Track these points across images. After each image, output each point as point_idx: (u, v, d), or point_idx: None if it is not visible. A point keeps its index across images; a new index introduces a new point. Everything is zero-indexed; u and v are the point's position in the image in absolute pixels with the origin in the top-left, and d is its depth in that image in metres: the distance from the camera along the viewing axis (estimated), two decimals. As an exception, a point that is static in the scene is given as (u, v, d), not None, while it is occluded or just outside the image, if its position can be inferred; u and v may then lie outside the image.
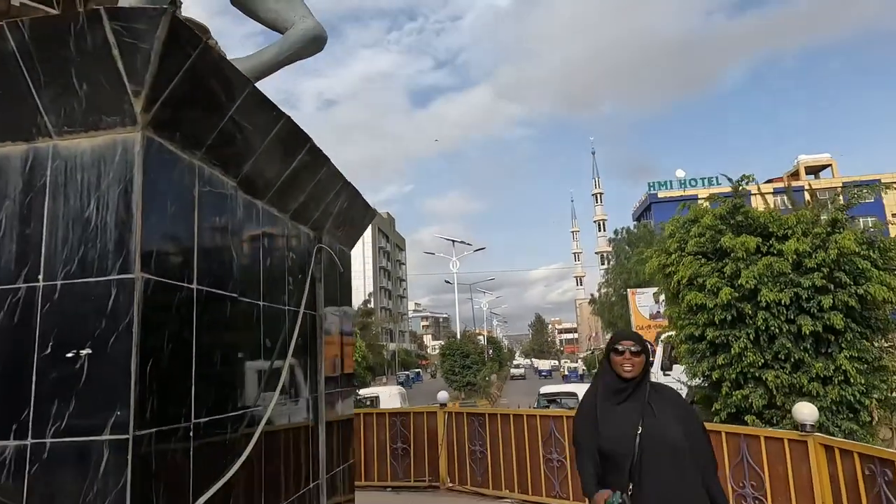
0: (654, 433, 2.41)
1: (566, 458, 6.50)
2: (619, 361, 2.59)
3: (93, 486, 1.85)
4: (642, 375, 2.58)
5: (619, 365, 2.58)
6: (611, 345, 2.66)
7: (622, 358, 2.58)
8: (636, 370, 2.56)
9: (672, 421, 2.47)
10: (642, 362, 2.59)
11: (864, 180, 44.31)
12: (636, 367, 2.56)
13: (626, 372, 2.56)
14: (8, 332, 1.99)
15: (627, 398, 2.53)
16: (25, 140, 2.11)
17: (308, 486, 3.41)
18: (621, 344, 2.61)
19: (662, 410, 2.49)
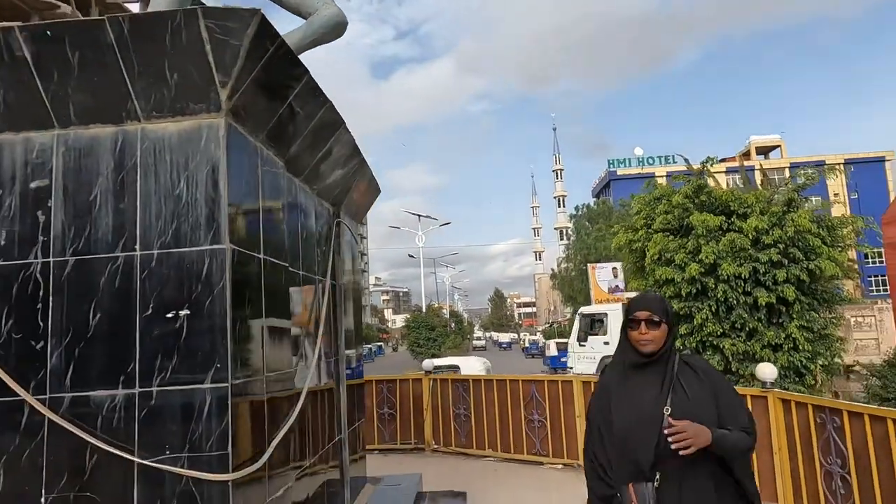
0: (683, 414, 1.93)
1: (546, 418, 7.01)
2: (634, 337, 2.07)
3: (198, 428, 2.15)
4: (667, 348, 2.06)
5: (635, 339, 2.07)
6: (625, 315, 2.16)
7: (638, 332, 2.06)
8: (656, 344, 2.04)
9: (704, 397, 2.00)
10: (664, 334, 2.05)
11: (810, 161, 46.51)
12: (656, 340, 2.04)
13: (643, 346, 2.05)
14: (110, 295, 2.24)
15: (650, 375, 2.05)
16: (114, 123, 2.33)
17: (334, 441, 3.75)
18: (636, 314, 2.08)
19: (692, 386, 2.02)
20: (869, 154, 49.91)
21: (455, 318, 53.89)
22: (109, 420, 2.17)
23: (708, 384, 2.05)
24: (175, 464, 2.12)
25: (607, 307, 19.17)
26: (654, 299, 2.14)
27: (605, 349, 17.20)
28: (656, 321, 2.05)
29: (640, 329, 2.06)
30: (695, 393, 2.01)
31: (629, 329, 2.11)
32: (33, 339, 2.22)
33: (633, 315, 2.10)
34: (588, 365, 17.01)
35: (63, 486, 2.14)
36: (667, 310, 2.10)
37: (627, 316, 2.14)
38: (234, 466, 2.15)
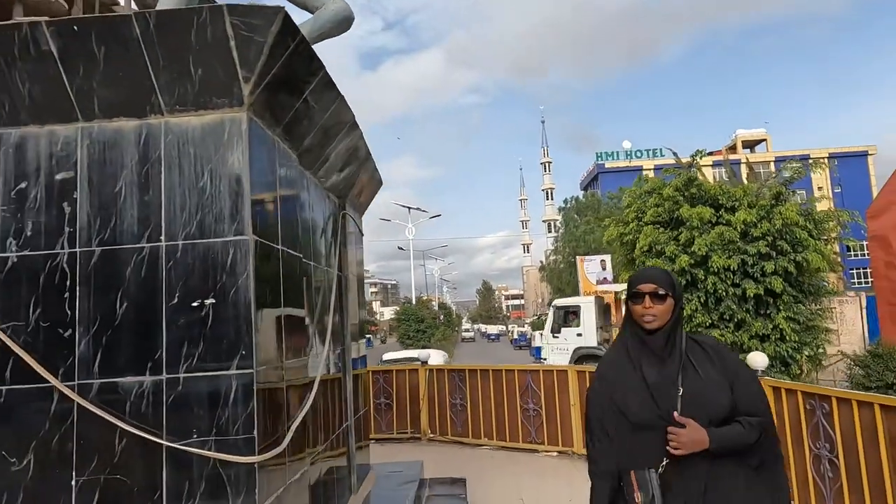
0: (694, 398, 1.81)
1: (541, 407, 7.15)
2: (638, 311, 1.93)
3: (224, 412, 2.23)
4: (672, 324, 1.92)
5: (638, 315, 1.93)
6: (628, 290, 2.03)
7: (641, 306, 1.92)
8: (661, 319, 1.91)
9: (717, 380, 1.86)
10: (670, 308, 1.92)
11: (795, 155, 47.10)
12: (661, 315, 1.90)
13: (647, 323, 1.91)
14: (136, 284, 2.30)
15: (657, 355, 1.90)
16: (138, 116, 2.38)
17: (341, 428, 3.84)
18: (639, 287, 1.94)
19: (704, 367, 1.88)
20: (852, 148, 50.62)
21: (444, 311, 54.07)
22: (137, 405, 2.23)
23: (720, 365, 1.89)
24: (202, 447, 2.20)
25: (580, 299, 19.46)
26: (659, 272, 2.00)
27: (579, 341, 17.59)
28: (661, 294, 1.91)
29: (644, 303, 1.92)
30: (707, 374, 1.87)
31: (632, 304, 1.96)
32: (61, 328, 2.28)
33: (637, 288, 1.95)
34: (561, 357, 17.28)
35: (93, 469, 2.21)
36: (673, 283, 1.96)
37: (630, 290, 1.99)
38: (259, 450, 2.23)
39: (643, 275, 2.00)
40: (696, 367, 1.89)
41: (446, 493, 4.86)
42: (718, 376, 1.88)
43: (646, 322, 1.92)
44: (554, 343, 18.21)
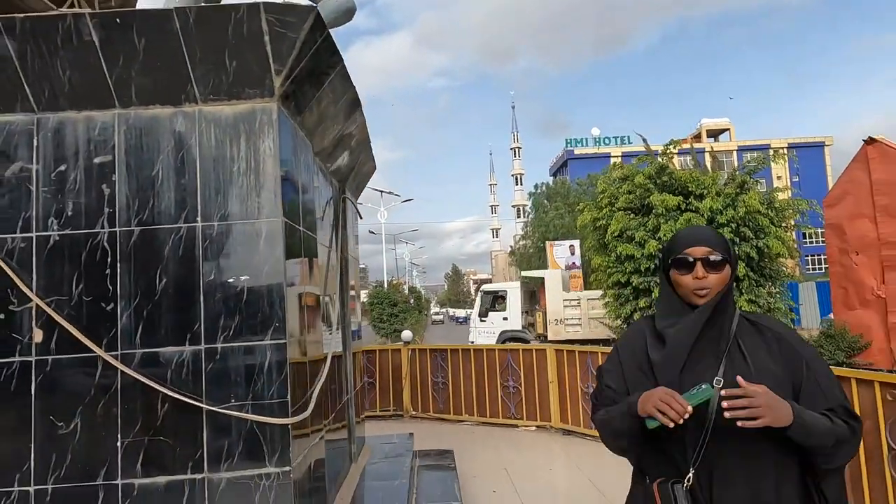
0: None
1: (521, 385, 7.49)
2: (687, 282, 1.49)
3: (260, 379, 2.43)
4: (724, 299, 1.49)
5: (689, 288, 1.49)
6: (671, 254, 1.55)
7: (691, 277, 1.48)
8: (715, 292, 1.48)
9: (774, 373, 1.43)
10: (725, 278, 1.50)
11: (756, 145, 48.62)
12: (716, 287, 1.48)
13: (699, 298, 1.48)
14: (174, 262, 2.48)
15: (701, 336, 1.47)
16: (173, 104, 2.54)
17: (344, 400, 4.07)
18: (689, 251, 1.50)
19: (756, 352, 1.46)
20: (810, 139, 52.45)
21: (414, 294, 54.35)
22: (178, 373, 2.42)
23: (779, 352, 1.45)
24: (240, 410, 2.41)
25: (508, 285, 20.09)
26: (711, 232, 1.54)
27: (504, 324, 18.27)
28: (717, 261, 1.48)
29: (697, 272, 1.47)
30: (761, 363, 1.43)
31: (678, 274, 1.50)
32: (103, 302, 2.44)
33: (684, 253, 1.49)
34: (487, 339, 17.89)
35: (137, 431, 2.39)
36: (728, 245, 1.53)
37: (671, 256, 1.53)
38: (291, 412, 2.45)
39: (692, 235, 1.53)
40: (746, 355, 1.44)
41: (436, 464, 5.14)
42: (777, 368, 1.43)
43: (699, 296, 1.47)
44: (481, 326, 18.82)
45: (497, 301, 19.01)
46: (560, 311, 17.16)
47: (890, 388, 3.75)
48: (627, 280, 10.76)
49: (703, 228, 1.59)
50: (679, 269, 1.51)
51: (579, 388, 6.87)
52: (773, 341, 1.49)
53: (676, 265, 1.52)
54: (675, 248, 1.54)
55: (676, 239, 1.56)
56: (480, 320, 19.04)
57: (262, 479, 2.39)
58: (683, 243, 1.53)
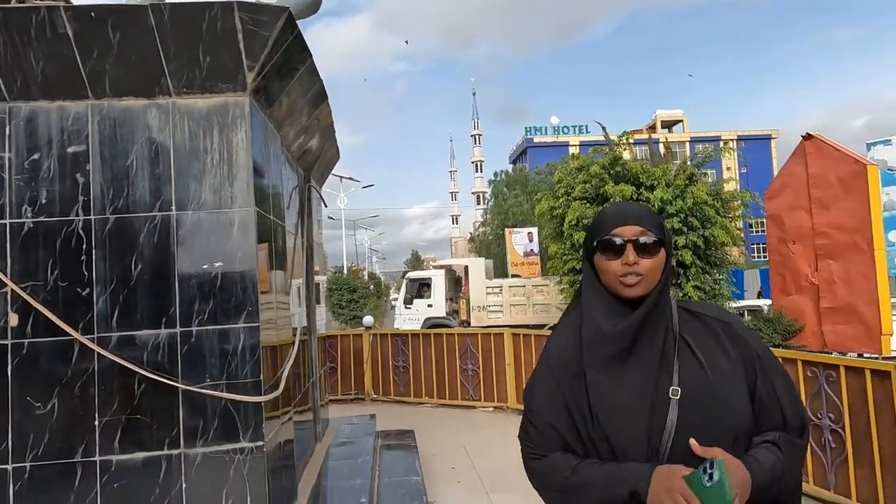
0: (697, 402, 1.17)
1: (479, 367, 7.77)
2: (614, 268, 1.22)
3: (234, 360, 2.57)
4: (660, 288, 1.23)
5: (615, 275, 1.22)
6: (596, 235, 1.27)
7: (621, 262, 1.21)
8: (649, 281, 1.22)
9: (729, 371, 1.21)
10: (660, 264, 1.23)
11: (708, 136, 50.23)
12: (650, 273, 1.22)
13: (629, 287, 1.21)
14: (150, 249, 2.58)
15: (639, 336, 1.20)
16: (147, 97, 2.62)
17: (309, 381, 4.23)
18: (618, 231, 1.24)
19: (706, 347, 1.23)
20: (758, 132, 54.49)
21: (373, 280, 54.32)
22: (154, 355, 2.54)
23: (728, 341, 1.24)
24: (215, 390, 2.55)
25: (432, 272, 20.36)
26: (643, 210, 1.27)
27: (429, 311, 18.56)
28: (651, 243, 1.21)
29: (626, 257, 1.20)
30: (713, 361, 1.20)
31: (603, 259, 1.23)
32: (79, 287, 2.53)
33: (611, 234, 1.23)
34: (412, 325, 18.01)
35: (114, 410, 2.51)
36: (662, 224, 1.27)
37: (597, 238, 1.25)
38: (264, 391, 2.61)
39: (621, 213, 1.26)
40: (697, 352, 1.20)
41: (398, 443, 5.36)
42: (729, 363, 1.21)
43: (627, 286, 1.20)
44: (405, 314, 19.03)
45: (422, 288, 19.21)
46: (483, 299, 17.40)
47: (810, 365, 4.15)
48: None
49: (634, 205, 1.28)
50: (605, 252, 1.23)
51: (535, 370, 7.18)
52: (719, 330, 1.25)
53: (602, 248, 1.23)
54: (601, 228, 1.25)
55: (602, 217, 1.28)
56: (406, 307, 19.17)
57: (236, 453, 2.55)
58: (611, 222, 1.24)
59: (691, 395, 1.17)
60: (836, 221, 9.37)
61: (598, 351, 1.21)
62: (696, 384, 1.18)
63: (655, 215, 1.29)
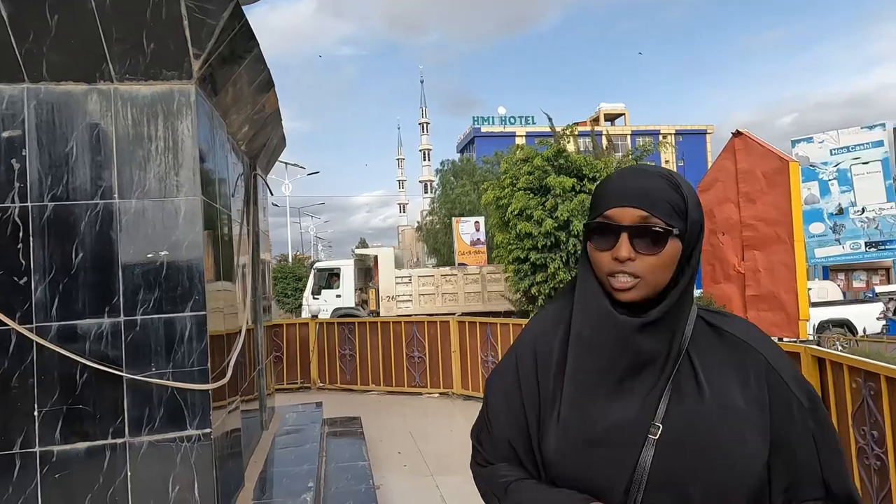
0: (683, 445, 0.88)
1: (425, 355, 7.90)
2: (602, 261, 0.93)
3: (181, 348, 2.58)
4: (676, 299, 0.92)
5: (603, 271, 0.94)
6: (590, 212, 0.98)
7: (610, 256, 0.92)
8: (651, 282, 0.91)
9: (738, 404, 0.90)
10: (668, 261, 0.90)
11: (648, 130, 51.96)
12: (651, 274, 0.90)
13: (622, 291, 0.91)
14: (91, 237, 2.54)
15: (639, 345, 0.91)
16: (87, 82, 2.57)
17: (256, 370, 4.23)
18: (613, 213, 0.92)
19: (712, 371, 0.93)
20: (695, 126, 56.71)
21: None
22: (97, 344, 2.52)
23: (754, 377, 0.92)
24: (161, 378, 2.55)
25: (341, 262, 20.36)
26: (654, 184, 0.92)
27: (338, 302, 18.64)
28: (657, 233, 0.89)
29: (619, 249, 0.90)
30: (721, 391, 0.90)
31: (594, 248, 0.95)
32: (16, 276, 2.47)
33: (606, 214, 0.93)
34: (320, 316, 18.16)
35: (55, 400, 2.47)
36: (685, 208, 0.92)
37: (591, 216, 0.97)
38: (211, 379, 2.63)
39: (622, 185, 0.93)
40: (700, 375, 0.91)
41: (344, 429, 5.42)
42: (746, 402, 0.90)
43: (619, 289, 0.91)
44: (314, 304, 19.02)
45: (331, 279, 19.12)
46: (392, 288, 17.48)
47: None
48: (526, 256, 11.45)
49: (643, 175, 0.93)
50: (596, 240, 0.93)
51: (479, 356, 7.37)
52: (744, 354, 0.92)
53: (593, 234, 0.93)
54: (596, 204, 0.95)
55: (599, 191, 0.96)
56: (313, 298, 19.02)
57: (183, 441, 2.56)
58: (606, 199, 0.92)
59: (677, 434, 0.86)
60: (761, 214, 9.98)
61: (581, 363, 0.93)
62: (688, 419, 0.87)
63: (673, 191, 0.90)
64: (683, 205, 0.92)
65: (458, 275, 16.85)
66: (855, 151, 18.88)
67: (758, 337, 0.97)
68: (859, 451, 3.44)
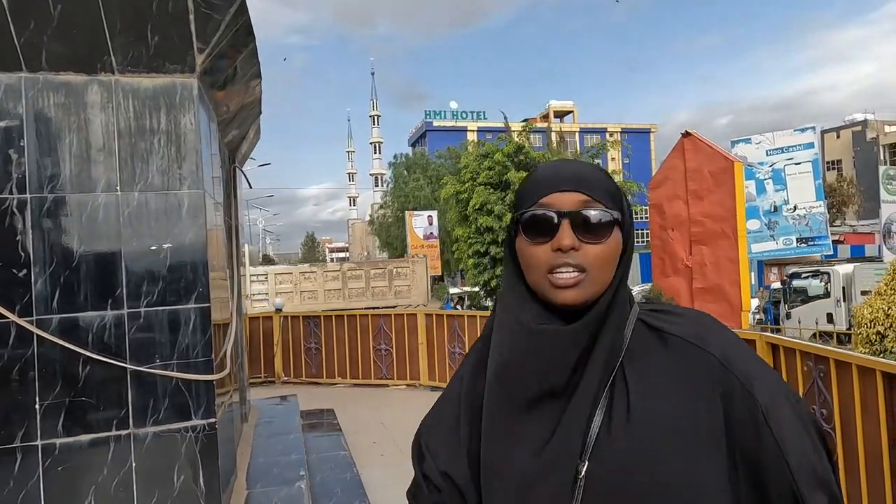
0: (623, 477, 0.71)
1: (392, 347, 7.99)
2: (540, 258, 0.77)
3: (185, 339, 2.61)
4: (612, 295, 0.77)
5: (541, 270, 0.77)
6: (518, 207, 0.82)
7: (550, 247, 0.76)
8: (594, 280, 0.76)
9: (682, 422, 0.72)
10: (613, 253, 0.78)
11: (595, 127, 53.38)
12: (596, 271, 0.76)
13: (561, 292, 0.75)
14: (92, 229, 2.53)
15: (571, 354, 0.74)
16: (87, 73, 2.55)
17: (238, 362, 4.24)
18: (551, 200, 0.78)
19: (659, 394, 0.74)
20: (640, 125, 58.61)
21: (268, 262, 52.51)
22: (100, 336, 2.51)
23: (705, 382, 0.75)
24: (165, 369, 2.57)
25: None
26: (589, 170, 0.82)
27: None
28: (600, 220, 0.78)
29: (560, 238, 0.76)
30: (662, 411, 0.73)
31: (527, 243, 0.79)
32: (15, 268, 2.44)
33: (541, 203, 0.79)
34: None
35: (57, 393, 2.46)
36: (620, 195, 0.82)
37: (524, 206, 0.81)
38: (214, 370, 2.67)
39: (556, 173, 0.81)
40: (637, 396, 0.74)
41: (320, 421, 5.47)
42: (694, 422, 0.73)
43: (559, 286, 0.76)
44: None
45: None
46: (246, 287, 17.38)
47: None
48: (486, 250, 11.70)
49: (575, 163, 0.83)
50: (530, 233, 0.78)
51: (446, 348, 7.53)
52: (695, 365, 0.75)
53: (526, 227, 0.79)
54: (526, 196, 0.81)
55: (529, 182, 0.83)
56: None
57: (188, 431, 2.59)
58: (540, 188, 0.80)
59: (608, 473, 0.70)
60: (708, 211, 10.54)
61: (501, 389, 0.77)
62: (620, 453, 0.70)
63: (608, 179, 0.82)
64: (619, 193, 0.82)
65: (317, 272, 16.58)
66: (788, 153, 20.03)
67: (707, 332, 0.78)
68: (809, 428, 3.83)
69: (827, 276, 12.88)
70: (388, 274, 17.18)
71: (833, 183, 33.43)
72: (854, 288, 12.46)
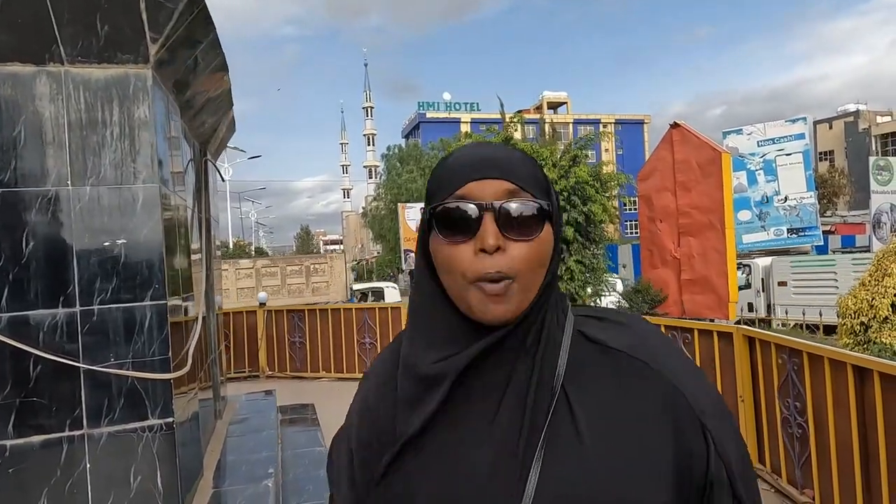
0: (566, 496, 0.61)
1: (377, 340, 7.94)
2: (459, 261, 0.64)
3: (140, 338, 2.55)
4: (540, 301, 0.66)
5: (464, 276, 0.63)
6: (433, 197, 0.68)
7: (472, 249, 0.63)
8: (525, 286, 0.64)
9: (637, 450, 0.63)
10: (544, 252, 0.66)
11: (589, 118, 53.23)
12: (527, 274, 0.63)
13: (489, 306, 0.62)
14: (43, 225, 2.46)
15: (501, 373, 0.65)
16: (35, 63, 2.47)
17: (209, 359, 4.18)
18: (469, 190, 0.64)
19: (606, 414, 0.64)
20: (634, 116, 58.50)
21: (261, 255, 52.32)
22: (52, 335, 2.45)
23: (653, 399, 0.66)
24: (121, 368, 2.51)
25: None
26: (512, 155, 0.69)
27: None
28: (528, 213, 0.65)
29: (483, 237, 0.63)
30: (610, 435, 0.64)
31: (443, 242, 0.66)
32: (-39, 265, 2.37)
33: (458, 195, 0.65)
34: None
35: (7, 393, 2.40)
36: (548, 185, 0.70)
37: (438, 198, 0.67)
38: (172, 368, 2.61)
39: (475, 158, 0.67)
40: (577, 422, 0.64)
41: (299, 416, 5.42)
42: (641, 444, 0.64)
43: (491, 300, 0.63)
44: None
45: None
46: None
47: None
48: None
49: (496, 147, 0.71)
50: (446, 230, 0.66)
51: (431, 341, 7.49)
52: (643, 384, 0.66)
53: (442, 223, 0.66)
54: (440, 187, 0.68)
55: (443, 170, 0.69)
56: None
57: (145, 431, 2.54)
58: (457, 176, 0.67)
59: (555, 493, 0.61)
60: (695, 202, 10.50)
61: (412, 414, 0.66)
62: (565, 490, 0.62)
63: (534, 165, 0.70)
64: (546, 181, 0.69)
65: (229, 269, 15.98)
66: (779, 143, 20.03)
67: (655, 347, 0.69)
68: (783, 420, 3.82)
69: (748, 268, 14.09)
70: (305, 270, 16.56)
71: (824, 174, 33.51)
72: (772, 279, 13.78)
